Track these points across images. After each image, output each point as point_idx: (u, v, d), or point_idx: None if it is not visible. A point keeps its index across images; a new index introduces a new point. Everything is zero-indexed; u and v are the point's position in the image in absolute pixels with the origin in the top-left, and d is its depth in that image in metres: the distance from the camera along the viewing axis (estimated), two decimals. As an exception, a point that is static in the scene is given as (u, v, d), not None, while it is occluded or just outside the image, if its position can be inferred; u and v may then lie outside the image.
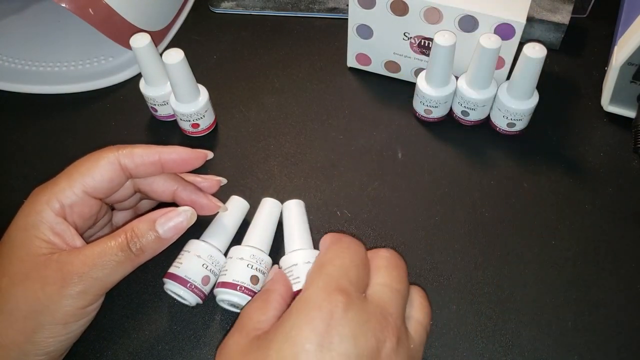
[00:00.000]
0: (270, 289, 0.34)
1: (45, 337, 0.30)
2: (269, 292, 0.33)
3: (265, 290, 0.34)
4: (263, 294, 0.33)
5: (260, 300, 0.32)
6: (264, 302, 0.32)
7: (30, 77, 0.52)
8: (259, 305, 0.32)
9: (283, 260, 0.37)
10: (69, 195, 0.32)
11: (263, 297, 0.33)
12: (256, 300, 0.33)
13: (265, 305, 0.32)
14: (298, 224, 0.39)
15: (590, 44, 0.54)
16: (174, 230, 0.32)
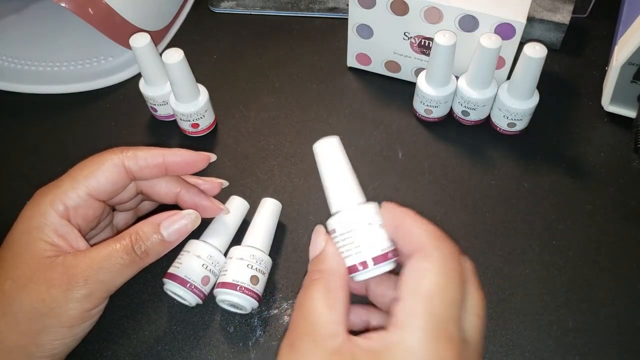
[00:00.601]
0: (326, 271, 0.27)
1: (51, 339, 0.30)
2: (326, 277, 0.27)
3: (319, 272, 0.28)
4: (320, 279, 0.27)
5: (321, 289, 0.27)
6: (326, 292, 0.27)
7: (30, 77, 0.52)
8: (322, 296, 0.26)
9: (336, 222, 0.29)
10: (73, 198, 0.32)
11: (323, 284, 0.27)
12: (314, 287, 0.27)
13: (329, 297, 0.26)
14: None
15: (590, 43, 0.54)
16: (178, 233, 0.32)
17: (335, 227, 0.29)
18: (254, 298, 0.36)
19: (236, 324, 0.37)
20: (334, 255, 0.28)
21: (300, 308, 0.27)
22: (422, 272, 0.25)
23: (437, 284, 0.24)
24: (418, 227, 0.27)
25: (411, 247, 0.26)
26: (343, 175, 0.29)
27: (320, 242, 0.29)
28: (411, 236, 0.27)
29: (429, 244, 0.26)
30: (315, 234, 0.30)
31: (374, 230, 0.28)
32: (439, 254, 0.25)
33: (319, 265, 0.28)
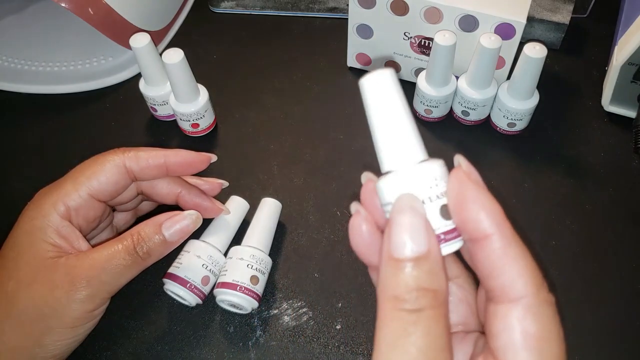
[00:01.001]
0: (441, 295, 0.20)
1: (54, 340, 0.30)
2: (443, 307, 0.20)
3: (432, 297, 0.19)
4: (436, 311, 0.19)
5: (443, 332, 0.19)
6: (447, 335, 0.20)
7: (30, 77, 0.52)
8: (444, 343, 0.19)
9: (390, 188, 0.21)
10: (74, 198, 0.32)
11: (443, 322, 0.20)
12: (433, 329, 0.19)
13: (449, 342, 0.20)
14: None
15: (590, 43, 0.54)
16: (179, 233, 0.32)
17: (388, 196, 0.21)
18: (253, 298, 0.36)
19: (236, 324, 0.37)
20: (442, 264, 0.20)
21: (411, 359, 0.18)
22: (534, 333, 0.19)
23: (549, 343, 0.20)
24: (518, 261, 0.20)
25: (505, 284, 0.20)
26: (398, 122, 0.22)
27: (421, 231, 0.20)
28: (509, 273, 0.20)
29: (532, 293, 0.20)
30: (407, 210, 0.20)
31: (437, 200, 0.21)
32: (545, 311, 0.20)
33: (427, 279, 0.19)
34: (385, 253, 0.20)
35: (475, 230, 0.20)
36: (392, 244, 0.20)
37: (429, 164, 0.22)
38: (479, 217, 0.20)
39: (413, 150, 0.22)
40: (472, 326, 0.24)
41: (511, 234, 0.20)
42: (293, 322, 0.38)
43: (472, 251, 0.21)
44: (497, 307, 0.20)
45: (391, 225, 0.20)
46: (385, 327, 0.20)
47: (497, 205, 0.20)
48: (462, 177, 0.21)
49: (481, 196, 0.20)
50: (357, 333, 0.37)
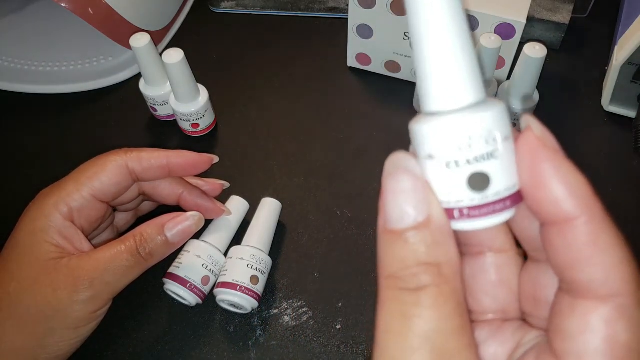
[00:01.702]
0: (446, 267, 0.16)
1: (56, 341, 0.30)
2: (450, 281, 0.16)
3: (434, 271, 0.16)
4: (440, 287, 0.16)
5: (446, 308, 0.16)
6: (455, 313, 0.16)
7: (30, 77, 0.52)
8: (450, 323, 0.16)
9: (431, 139, 0.17)
10: (77, 199, 0.32)
11: (447, 298, 0.16)
12: (434, 304, 0.16)
13: (461, 321, 0.16)
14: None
15: (590, 43, 0.54)
16: (182, 234, 0.32)
17: (431, 149, 0.17)
18: (254, 298, 0.36)
19: (236, 324, 0.37)
20: (449, 233, 0.17)
21: (412, 347, 0.16)
22: (622, 334, 0.16)
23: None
24: (613, 251, 0.16)
25: (594, 277, 0.16)
26: (446, 43, 0.16)
27: (418, 196, 0.17)
28: (600, 265, 0.16)
29: (630, 292, 0.16)
30: (397, 172, 0.17)
31: (467, 166, 0.16)
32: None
33: (427, 252, 0.16)
34: (379, 226, 0.17)
35: (556, 212, 0.16)
36: (384, 214, 0.17)
37: (470, 114, 0.16)
38: (561, 196, 0.16)
39: (466, 87, 0.17)
40: (512, 314, 0.20)
41: (603, 217, 0.16)
42: (293, 322, 0.37)
43: (547, 236, 0.17)
44: (576, 301, 0.16)
45: (382, 192, 0.17)
46: (381, 312, 0.17)
47: (583, 180, 0.16)
48: (535, 144, 0.16)
49: (562, 168, 0.16)
50: (357, 333, 0.37)
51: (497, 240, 0.20)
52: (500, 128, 0.16)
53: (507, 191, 0.17)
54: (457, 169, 0.16)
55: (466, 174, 0.16)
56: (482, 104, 0.17)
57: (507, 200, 0.17)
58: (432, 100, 0.17)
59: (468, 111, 0.16)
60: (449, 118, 0.16)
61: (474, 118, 0.16)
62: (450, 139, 0.16)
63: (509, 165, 0.17)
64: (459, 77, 0.16)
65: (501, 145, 0.16)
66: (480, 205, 0.17)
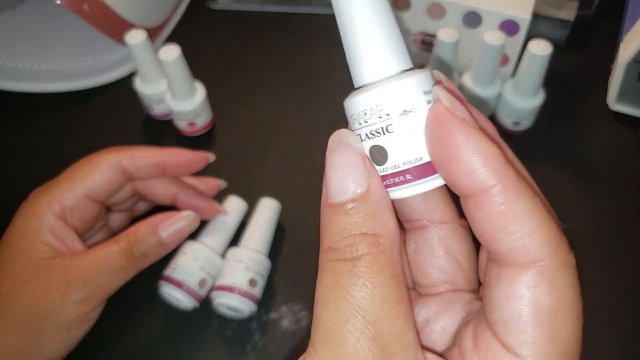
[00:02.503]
0: (383, 236, 0.17)
1: (49, 342, 0.30)
2: (387, 250, 0.17)
3: (371, 241, 0.16)
4: (376, 256, 0.16)
5: (384, 279, 0.16)
6: (392, 283, 0.16)
7: (23, 75, 0.52)
8: (387, 293, 0.16)
9: (361, 104, 0.17)
10: (70, 198, 0.32)
11: (383, 268, 0.16)
12: (369, 275, 0.16)
13: (397, 291, 0.16)
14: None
15: (596, 41, 0.53)
16: (176, 234, 0.32)
17: (357, 115, 0.17)
18: (252, 301, 0.35)
19: (234, 328, 0.37)
20: (387, 205, 0.17)
21: (344, 316, 0.16)
22: (551, 301, 0.16)
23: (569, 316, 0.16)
24: (530, 216, 0.16)
25: (514, 245, 0.16)
26: (374, 21, 0.17)
27: (357, 169, 0.17)
28: (518, 232, 0.16)
29: (549, 255, 0.16)
30: (338, 148, 0.18)
31: (371, 139, 0.17)
32: (565, 276, 0.16)
33: (365, 223, 0.16)
34: (322, 201, 0.18)
35: (469, 184, 0.16)
36: (326, 188, 0.17)
37: (410, 75, 0.17)
38: (474, 166, 0.16)
39: (392, 58, 0.17)
40: (461, 284, 0.20)
41: (517, 183, 0.16)
42: (293, 326, 0.37)
43: (467, 209, 0.17)
44: (501, 270, 0.16)
45: (325, 168, 0.18)
46: (319, 285, 0.17)
47: (494, 148, 0.16)
48: (444, 116, 0.16)
49: (473, 138, 0.16)
50: (358, 337, 0.36)
51: (436, 212, 0.20)
52: (398, 102, 0.17)
53: (407, 164, 0.17)
54: (363, 142, 0.18)
55: (368, 146, 0.17)
56: (395, 76, 0.17)
57: (406, 173, 0.17)
58: (354, 76, 0.18)
59: (366, 88, 0.17)
60: (355, 94, 0.17)
61: (366, 95, 0.17)
62: (353, 115, 0.18)
63: (413, 138, 0.17)
64: (370, 53, 0.18)
65: (397, 120, 0.17)
66: (381, 176, 0.17)
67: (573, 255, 0.16)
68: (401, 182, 0.17)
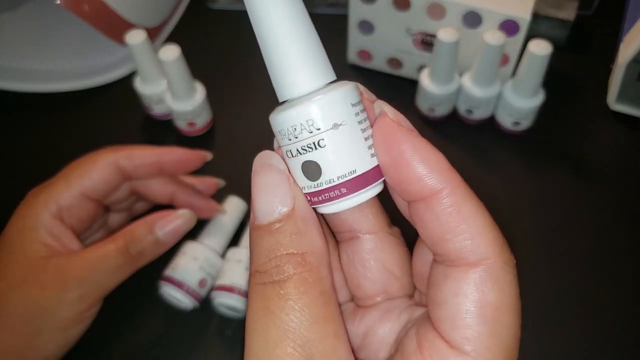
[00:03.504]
0: (310, 255, 0.17)
1: (45, 341, 0.29)
2: (314, 269, 0.17)
3: (299, 261, 0.16)
4: (303, 276, 0.16)
5: (312, 299, 0.16)
6: (321, 303, 0.16)
7: (22, 75, 0.51)
8: (317, 313, 0.16)
9: (284, 122, 0.17)
10: (66, 197, 0.32)
11: (312, 287, 0.16)
12: (298, 297, 0.16)
13: (327, 311, 0.16)
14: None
15: (596, 41, 0.53)
16: (173, 233, 0.32)
17: (286, 130, 0.17)
18: (252, 301, 0.35)
19: (234, 328, 0.37)
20: (314, 221, 0.17)
21: (273, 342, 0.15)
22: (495, 301, 0.16)
23: (509, 313, 0.17)
24: (476, 218, 0.17)
25: (462, 246, 0.16)
26: (296, 33, 0.17)
27: (281, 189, 0.17)
28: (466, 233, 0.16)
29: (495, 254, 0.17)
30: (262, 169, 0.17)
31: (300, 155, 0.17)
32: (507, 275, 0.17)
33: (291, 242, 0.16)
34: (250, 224, 0.17)
35: (420, 189, 0.17)
36: (253, 211, 0.17)
37: (296, 105, 0.17)
38: (423, 171, 0.16)
39: (298, 73, 0.17)
40: (396, 293, 0.20)
41: (464, 187, 0.17)
42: (292, 326, 0.37)
43: (416, 213, 0.17)
44: (448, 269, 0.17)
45: (251, 190, 0.17)
46: (248, 311, 0.16)
47: (440, 155, 0.17)
48: (391, 127, 0.17)
49: (420, 146, 0.17)
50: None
51: (364, 223, 0.20)
52: (329, 116, 0.17)
53: (341, 178, 0.17)
54: (293, 158, 0.17)
55: (299, 162, 0.17)
56: (319, 90, 0.17)
57: (341, 187, 0.17)
58: (277, 91, 0.18)
59: (294, 102, 0.17)
60: (281, 110, 0.17)
61: (296, 110, 0.17)
62: (281, 131, 0.17)
63: (346, 151, 0.17)
64: (295, 66, 0.17)
65: (328, 134, 0.17)
66: (316, 192, 0.17)
67: (513, 255, 0.17)
68: (336, 197, 0.17)
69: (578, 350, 0.36)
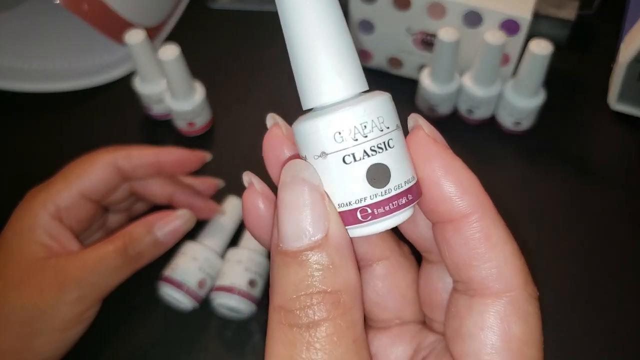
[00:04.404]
0: (345, 293, 0.15)
1: (43, 343, 0.29)
2: (349, 310, 0.15)
3: (333, 299, 0.15)
4: (338, 318, 0.15)
5: (347, 343, 0.15)
6: (355, 347, 0.15)
7: (21, 75, 0.51)
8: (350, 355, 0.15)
9: (306, 134, 0.16)
10: (65, 198, 0.31)
11: (346, 332, 0.15)
12: (333, 340, 0.14)
13: (360, 353, 0.15)
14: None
15: (597, 40, 0.53)
16: (172, 234, 0.32)
17: (341, 134, 0.15)
18: (252, 302, 0.35)
19: (233, 329, 0.37)
20: (349, 251, 0.15)
21: None
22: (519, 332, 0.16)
23: (533, 345, 0.16)
24: (505, 247, 0.16)
25: (489, 274, 0.16)
26: (321, 35, 0.16)
27: (316, 210, 0.15)
28: (494, 261, 0.16)
29: (520, 286, 0.16)
30: (293, 183, 0.15)
31: (363, 160, 0.15)
32: (532, 308, 0.16)
33: (324, 278, 0.14)
34: (272, 244, 0.15)
35: (449, 210, 0.16)
36: (279, 231, 0.15)
37: (361, 102, 0.15)
38: (455, 192, 0.16)
39: (338, 78, 0.16)
40: (409, 317, 0.19)
41: (494, 213, 0.16)
42: (292, 327, 0.37)
43: (442, 235, 0.16)
44: (472, 300, 0.16)
45: (278, 205, 0.15)
46: (270, 352, 0.15)
47: (473, 176, 0.16)
48: (427, 142, 0.16)
49: (454, 165, 0.16)
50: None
51: (377, 249, 0.19)
52: (393, 115, 0.16)
53: (407, 183, 0.16)
54: (355, 163, 0.15)
55: (364, 167, 0.15)
56: (366, 94, 0.16)
57: (408, 193, 0.16)
58: (314, 95, 0.16)
59: (357, 100, 0.15)
60: (337, 109, 0.15)
61: (367, 105, 0.15)
62: (342, 130, 0.15)
63: (404, 156, 0.16)
64: (341, 70, 0.16)
65: (395, 134, 0.16)
66: (383, 200, 0.15)
67: (536, 288, 0.17)
68: (403, 205, 0.15)
69: (580, 350, 0.35)
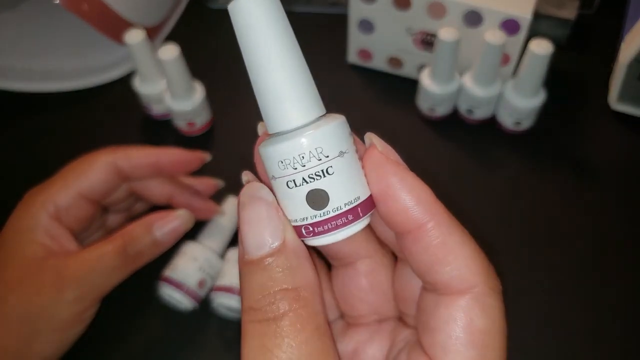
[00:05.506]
0: (304, 289, 0.17)
1: (42, 343, 0.29)
2: (309, 305, 0.17)
3: (293, 296, 0.16)
4: (299, 313, 0.16)
5: (310, 337, 0.16)
6: (319, 340, 0.17)
7: (20, 75, 0.51)
8: (315, 349, 0.16)
9: (276, 158, 0.17)
10: (64, 198, 0.31)
11: (308, 325, 0.16)
12: (296, 334, 0.16)
13: (324, 347, 0.17)
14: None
15: (597, 40, 0.53)
16: (171, 234, 0.32)
17: (290, 160, 0.17)
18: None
19: (233, 329, 0.37)
20: (305, 254, 0.17)
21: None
22: (482, 327, 0.17)
23: (497, 337, 0.18)
24: (462, 248, 0.17)
25: (450, 276, 0.17)
26: (273, 63, 0.18)
27: (272, 222, 0.17)
28: (453, 263, 0.17)
29: (482, 281, 0.17)
30: (250, 202, 0.17)
31: (305, 185, 0.17)
32: (494, 301, 0.18)
33: (284, 277, 0.16)
34: (239, 258, 0.17)
35: (406, 221, 0.17)
36: (242, 245, 0.17)
37: (302, 133, 0.17)
38: (409, 204, 0.17)
39: (291, 107, 0.17)
40: (388, 314, 0.21)
41: (449, 219, 0.17)
42: (292, 327, 0.37)
43: (404, 245, 0.18)
44: (439, 297, 0.17)
45: (239, 224, 0.17)
46: (244, 349, 0.16)
47: (426, 187, 0.18)
48: (380, 160, 0.18)
49: (407, 179, 0.17)
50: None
51: (361, 248, 0.21)
52: (335, 144, 0.17)
53: (348, 205, 0.17)
54: (296, 188, 0.17)
55: (304, 192, 0.17)
56: (318, 121, 0.17)
57: (348, 214, 0.17)
58: (271, 123, 0.18)
59: (301, 131, 0.17)
60: (283, 139, 0.17)
61: (305, 137, 0.17)
62: (285, 160, 0.17)
63: (350, 178, 0.17)
64: (290, 100, 0.17)
65: (335, 161, 0.17)
66: (321, 221, 0.17)
67: (499, 281, 0.18)
68: (343, 224, 0.17)
69: (578, 350, 0.35)
